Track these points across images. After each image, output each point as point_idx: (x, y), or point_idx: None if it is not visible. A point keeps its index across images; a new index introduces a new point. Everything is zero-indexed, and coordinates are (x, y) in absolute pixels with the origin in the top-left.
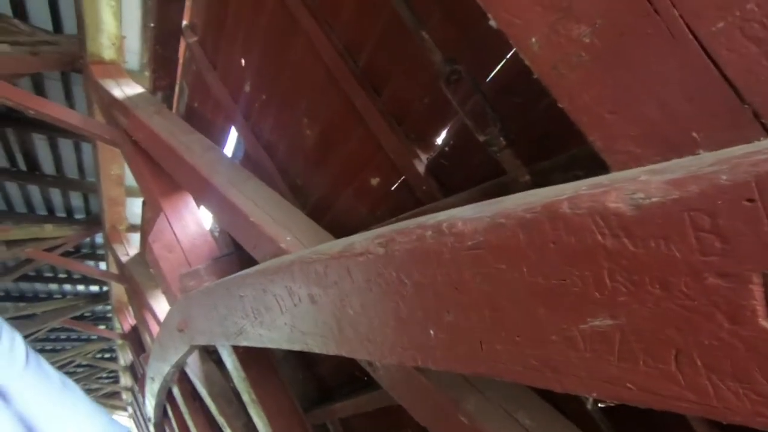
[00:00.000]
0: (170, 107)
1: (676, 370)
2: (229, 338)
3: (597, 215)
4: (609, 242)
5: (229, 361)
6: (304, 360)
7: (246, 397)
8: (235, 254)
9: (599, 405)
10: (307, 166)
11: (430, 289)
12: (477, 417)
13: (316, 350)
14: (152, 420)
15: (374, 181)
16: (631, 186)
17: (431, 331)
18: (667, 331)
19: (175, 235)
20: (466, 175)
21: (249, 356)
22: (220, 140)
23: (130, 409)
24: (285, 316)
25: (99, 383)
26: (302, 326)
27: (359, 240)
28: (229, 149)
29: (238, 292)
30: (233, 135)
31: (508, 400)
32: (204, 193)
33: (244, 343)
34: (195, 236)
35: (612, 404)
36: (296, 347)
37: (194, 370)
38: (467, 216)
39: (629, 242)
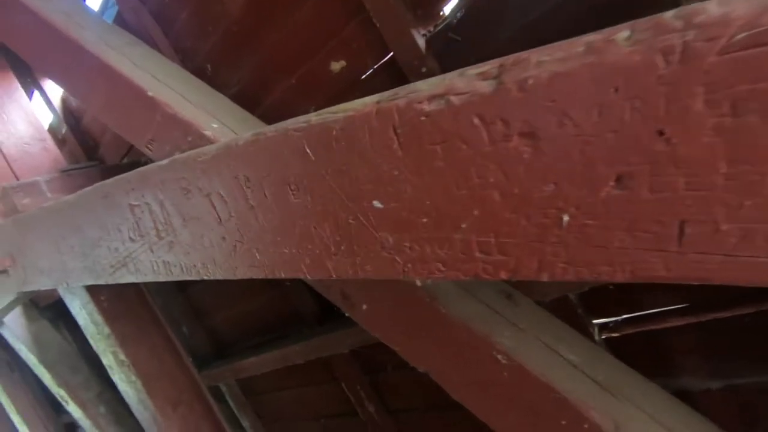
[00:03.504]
0: None
1: None
2: (99, 275)
3: None
4: None
5: (83, 313)
6: (190, 308)
7: (110, 359)
8: (99, 167)
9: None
10: (226, 44)
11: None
12: (516, 353)
13: (280, 275)
14: None
15: (336, 66)
16: None
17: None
18: None
19: None
20: (483, 56)
21: (116, 305)
22: None
23: None
24: (227, 225)
25: None
26: (261, 238)
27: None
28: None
29: (125, 201)
30: None
31: (543, 331)
32: (56, 57)
33: (128, 279)
34: (26, 139)
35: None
36: (241, 274)
37: (15, 331)
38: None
39: None
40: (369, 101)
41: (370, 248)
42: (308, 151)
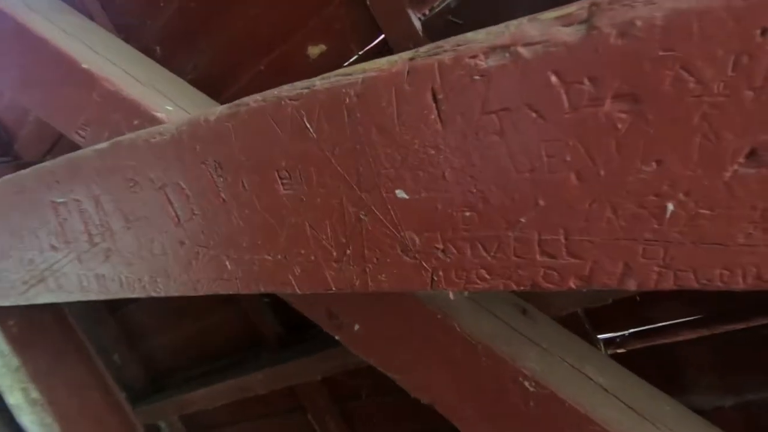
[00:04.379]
0: None
1: None
2: (7, 294)
3: None
4: None
5: None
6: (123, 332)
7: (18, 398)
8: (12, 163)
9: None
10: (182, 22)
11: None
12: (545, 378)
13: (257, 289)
14: None
15: (315, 50)
16: None
17: None
18: None
19: None
20: None
21: (29, 331)
22: None
23: None
24: (187, 226)
25: None
26: (235, 242)
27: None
28: None
29: (47, 198)
30: None
31: (567, 352)
32: None
33: (46, 299)
34: None
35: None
36: (204, 290)
37: None
38: None
39: None
40: (398, 58)
41: (387, 252)
42: (308, 125)
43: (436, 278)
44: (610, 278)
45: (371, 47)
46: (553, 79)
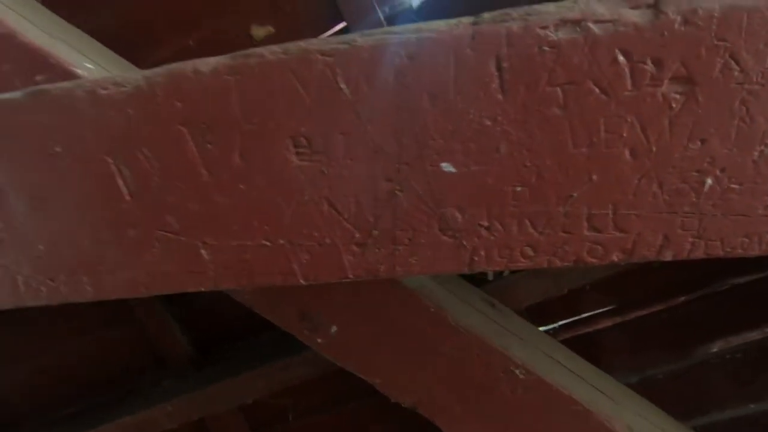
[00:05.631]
0: None
1: None
2: None
3: None
4: None
5: None
6: None
7: None
8: None
9: None
10: None
11: None
12: (532, 366)
13: (250, 283)
14: None
15: (260, 32)
16: None
17: None
18: None
19: None
20: None
21: None
22: None
23: None
24: (145, 204)
25: None
26: (216, 225)
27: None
28: None
29: None
30: None
31: (539, 342)
32: None
33: None
34: None
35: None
36: (158, 289)
37: None
38: None
39: None
40: (457, 22)
41: (422, 231)
42: (342, 85)
43: (476, 258)
44: (650, 250)
45: (329, 36)
46: (620, 57)
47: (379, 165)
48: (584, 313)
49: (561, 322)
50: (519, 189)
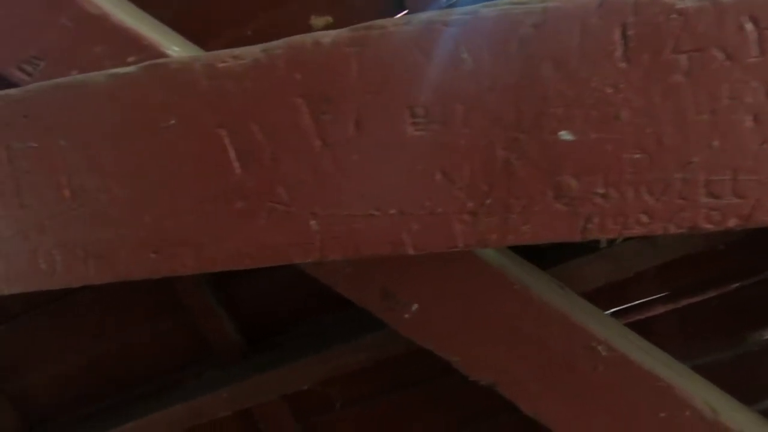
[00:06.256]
0: None
1: None
2: None
3: None
4: None
5: None
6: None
7: None
8: None
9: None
10: None
11: None
12: (614, 342)
13: (356, 253)
14: None
15: (319, 22)
16: None
17: None
18: None
19: None
20: None
21: None
22: None
23: None
24: (255, 176)
25: None
26: (325, 195)
27: None
28: None
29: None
30: None
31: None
32: None
33: None
34: None
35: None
36: (263, 261)
37: None
38: None
39: None
40: None
41: (535, 199)
42: (464, 55)
43: (589, 225)
44: (767, 217)
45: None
46: (748, 24)
47: (497, 134)
48: (636, 300)
49: (612, 309)
50: (637, 156)
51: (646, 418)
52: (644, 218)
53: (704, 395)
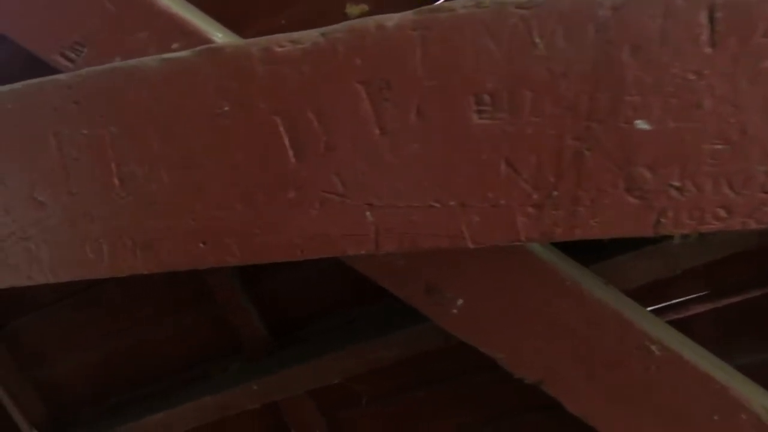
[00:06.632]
0: None
1: None
2: None
3: None
4: None
5: None
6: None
7: None
8: None
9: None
10: None
11: None
12: (668, 342)
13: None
14: None
15: (354, 10)
16: None
17: None
18: None
19: None
20: None
21: None
22: None
23: None
24: (311, 165)
25: None
26: (382, 187)
27: None
28: None
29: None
30: None
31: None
32: None
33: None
34: None
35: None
36: (314, 253)
37: None
38: None
39: None
40: None
41: (606, 192)
42: (536, 40)
43: (663, 220)
44: None
45: None
46: None
47: (568, 123)
48: (675, 298)
49: (651, 308)
50: (719, 147)
51: (700, 421)
52: (722, 213)
53: (760, 398)
